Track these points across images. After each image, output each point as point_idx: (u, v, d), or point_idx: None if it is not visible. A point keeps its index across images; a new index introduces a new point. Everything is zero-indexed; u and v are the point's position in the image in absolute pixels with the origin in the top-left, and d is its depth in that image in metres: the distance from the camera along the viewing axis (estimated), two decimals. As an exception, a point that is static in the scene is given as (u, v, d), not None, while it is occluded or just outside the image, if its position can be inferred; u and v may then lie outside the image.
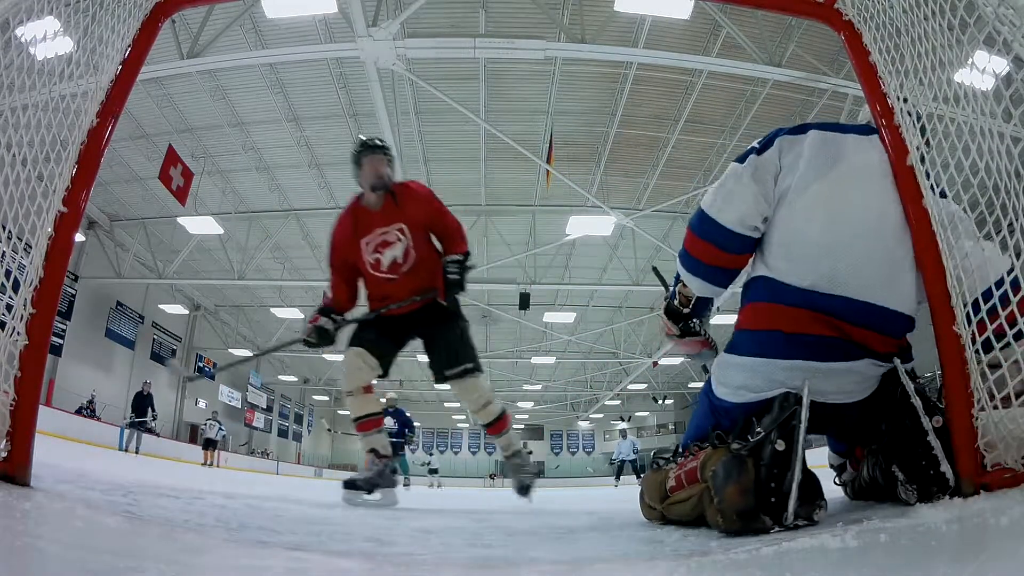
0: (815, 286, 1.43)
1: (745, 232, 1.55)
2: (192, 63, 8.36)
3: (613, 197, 12.60)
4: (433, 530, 1.55)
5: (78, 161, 1.50)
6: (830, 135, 1.55)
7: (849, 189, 1.48)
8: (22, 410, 1.31)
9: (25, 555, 0.75)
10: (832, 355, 1.42)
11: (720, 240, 1.59)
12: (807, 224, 1.47)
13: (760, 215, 1.54)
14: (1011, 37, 1.19)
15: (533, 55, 7.95)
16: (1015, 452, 1.11)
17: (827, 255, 1.44)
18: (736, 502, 1.26)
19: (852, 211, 1.46)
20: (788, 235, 1.49)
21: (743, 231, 1.55)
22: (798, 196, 1.49)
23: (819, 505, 1.31)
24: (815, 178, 1.48)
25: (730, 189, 1.57)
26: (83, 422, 13.27)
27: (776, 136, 1.58)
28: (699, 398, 1.84)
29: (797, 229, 1.48)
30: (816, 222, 1.46)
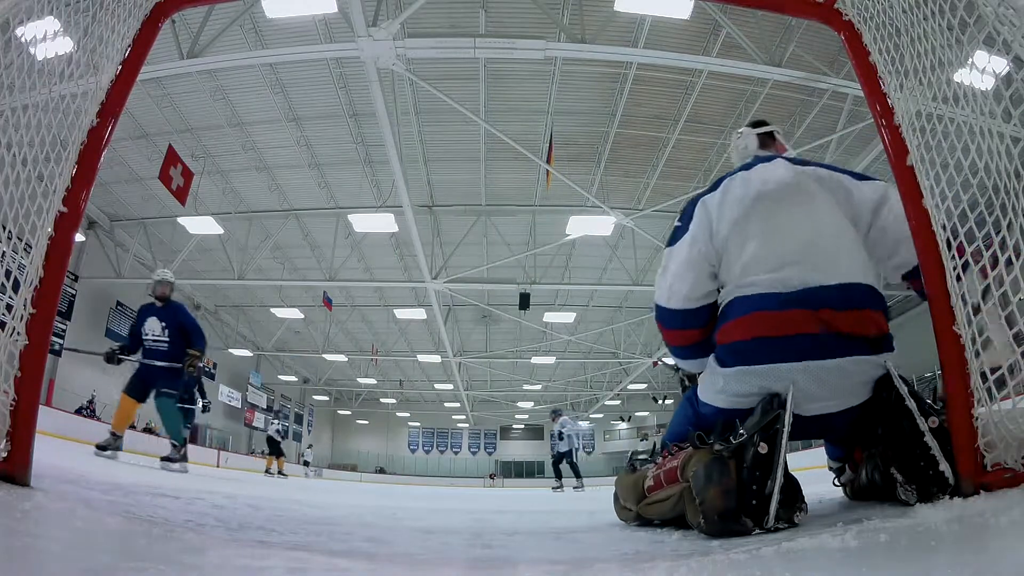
0: (785, 287, 1.54)
1: (701, 304, 1.72)
2: (192, 63, 8.35)
3: (613, 197, 12.59)
4: (433, 530, 1.55)
5: (78, 161, 1.50)
6: (739, 175, 1.75)
7: (776, 203, 1.66)
8: (22, 410, 1.31)
9: (25, 555, 0.75)
10: (816, 352, 1.48)
11: (685, 322, 1.77)
12: (757, 246, 1.62)
13: (707, 283, 1.71)
14: (1011, 37, 1.19)
15: (533, 55, 7.95)
16: (1015, 452, 1.11)
17: (781, 261, 1.57)
18: (717, 504, 1.28)
19: (787, 219, 1.63)
20: (744, 261, 1.63)
21: (698, 304, 1.73)
22: (738, 232, 1.65)
23: (800, 508, 1.33)
24: (743, 210, 1.66)
25: (673, 273, 1.75)
26: (83, 422, 13.26)
27: (694, 205, 1.76)
28: (681, 403, 1.89)
29: (749, 253, 1.62)
30: (762, 239, 1.62)
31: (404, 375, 30.20)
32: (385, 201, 12.05)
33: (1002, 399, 1.17)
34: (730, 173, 1.79)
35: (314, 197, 13.74)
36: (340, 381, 30.59)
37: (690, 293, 1.72)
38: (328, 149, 12.17)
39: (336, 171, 12.89)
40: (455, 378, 23.84)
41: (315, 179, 13.07)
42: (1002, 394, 1.18)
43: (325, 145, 12.05)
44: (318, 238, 15.37)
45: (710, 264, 1.70)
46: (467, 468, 35.93)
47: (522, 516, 2.17)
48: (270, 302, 20.19)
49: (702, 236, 1.70)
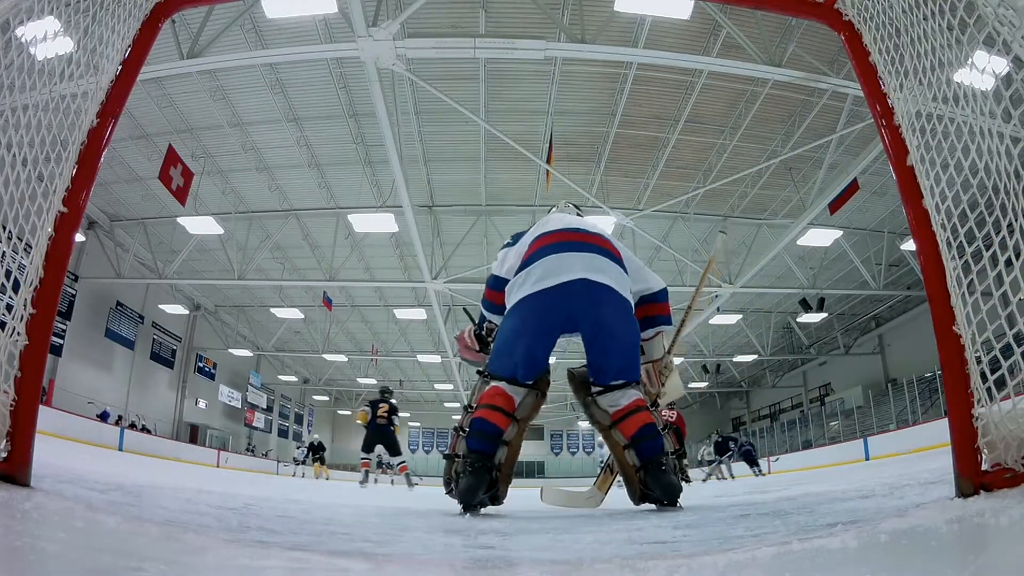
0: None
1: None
2: (192, 63, 8.35)
3: (613, 197, 12.60)
4: (433, 530, 1.55)
5: (78, 161, 1.50)
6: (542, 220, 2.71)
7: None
8: (22, 410, 1.31)
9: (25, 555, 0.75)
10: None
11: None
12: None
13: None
14: (1011, 37, 1.19)
15: (533, 55, 7.95)
16: (1015, 452, 1.11)
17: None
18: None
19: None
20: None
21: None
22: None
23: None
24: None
25: (502, 259, 2.62)
26: (83, 422, 13.28)
27: (519, 234, 2.69)
28: None
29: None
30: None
31: (404, 375, 30.19)
32: (385, 201, 12.05)
33: (1002, 399, 1.17)
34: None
35: (314, 197, 13.74)
36: (340, 381, 30.59)
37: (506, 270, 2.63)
38: (328, 149, 12.17)
39: (336, 171, 12.89)
40: (455, 378, 23.83)
41: (315, 179, 13.07)
42: (1002, 394, 1.18)
43: (325, 145, 12.05)
44: (318, 238, 15.37)
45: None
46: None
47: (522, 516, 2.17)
48: (270, 302, 20.19)
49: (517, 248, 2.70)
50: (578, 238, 2.43)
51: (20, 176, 1.39)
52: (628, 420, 2.25)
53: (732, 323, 20.11)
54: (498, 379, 2.30)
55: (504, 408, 2.23)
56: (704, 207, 13.71)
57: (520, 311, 2.30)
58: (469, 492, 2.07)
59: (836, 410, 22.72)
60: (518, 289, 2.34)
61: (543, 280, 2.27)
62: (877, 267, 14.66)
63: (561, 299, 2.24)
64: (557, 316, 2.28)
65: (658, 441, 2.23)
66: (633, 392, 2.31)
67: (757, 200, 13.64)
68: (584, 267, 2.28)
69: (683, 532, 1.37)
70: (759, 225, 13.79)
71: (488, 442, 2.17)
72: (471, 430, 2.21)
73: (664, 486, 2.15)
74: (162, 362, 19.91)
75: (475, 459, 2.11)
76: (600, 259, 2.35)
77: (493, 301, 2.60)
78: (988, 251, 1.23)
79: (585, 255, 2.33)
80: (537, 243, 2.45)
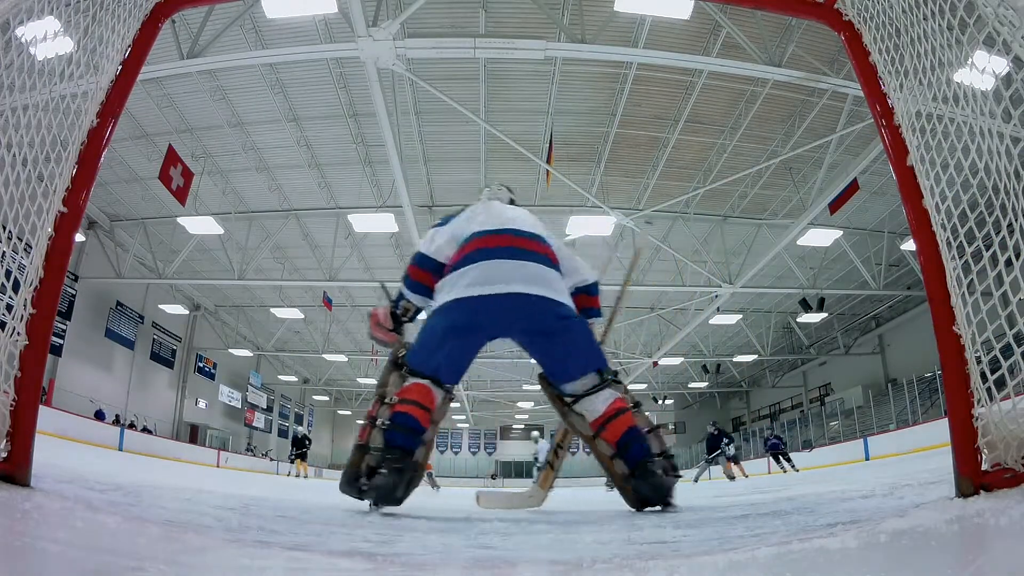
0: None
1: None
2: (192, 63, 8.35)
3: (613, 197, 12.60)
4: (433, 530, 1.55)
5: (78, 161, 1.50)
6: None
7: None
8: (22, 410, 1.31)
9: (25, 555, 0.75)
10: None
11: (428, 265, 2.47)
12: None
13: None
14: (1011, 37, 1.19)
15: (533, 55, 7.94)
16: (1015, 452, 1.11)
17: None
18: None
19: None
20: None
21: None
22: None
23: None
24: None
25: (431, 238, 2.52)
26: (83, 422, 13.27)
27: (449, 216, 2.60)
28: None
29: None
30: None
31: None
32: (385, 201, 12.05)
33: (1002, 399, 1.17)
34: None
35: (314, 197, 13.74)
36: (340, 381, 30.58)
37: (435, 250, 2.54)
38: (328, 149, 12.17)
39: (336, 171, 12.89)
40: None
41: (315, 179, 13.07)
42: (1002, 394, 1.18)
43: (325, 145, 12.05)
44: (318, 238, 15.37)
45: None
46: (467, 468, 35.91)
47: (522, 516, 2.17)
48: (270, 302, 20.18)
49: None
50: (515, 243, 2.38)
51: (20, 176, 1.39)
52: (610, 427, 2.18)
53: (732, 323, 20.11)
54: (420, 376, 2.22)
55: (429, 407, 2.17)
56: (704, 207, 13.71)
57: (451, 313, 2.24)
58: (389, 489, 2.00)
59: (836, 410, 22.71)
60: (450, 289, 2.28)
61: (477, 286, 2.21)
62: (877, 267, 14.65)
63: (495, 310, 2.20)
64: (488, 326, 2.25)
65: (643, 445, 2.17)
66: (609, 394, 2.23)
67: (757, 200, 13.64)
68: (521, 278, 2.23)
69: (683, 532, 1.37)
70: (759, 225, 13.79)
71: (411, 438, 2.10)
72: (394, 424, 2.11)
73: (655, 487, 2.10)
74: (162, 362, 19.91)
75: (398, 455, 2.04)
76: (537, 268, 2.31)
77: (417, 280, 2.49)
78: (988, 251, 1.23)
79: (522, 264, 2.29)
80: (473, 243, 2.38)
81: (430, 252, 2.47)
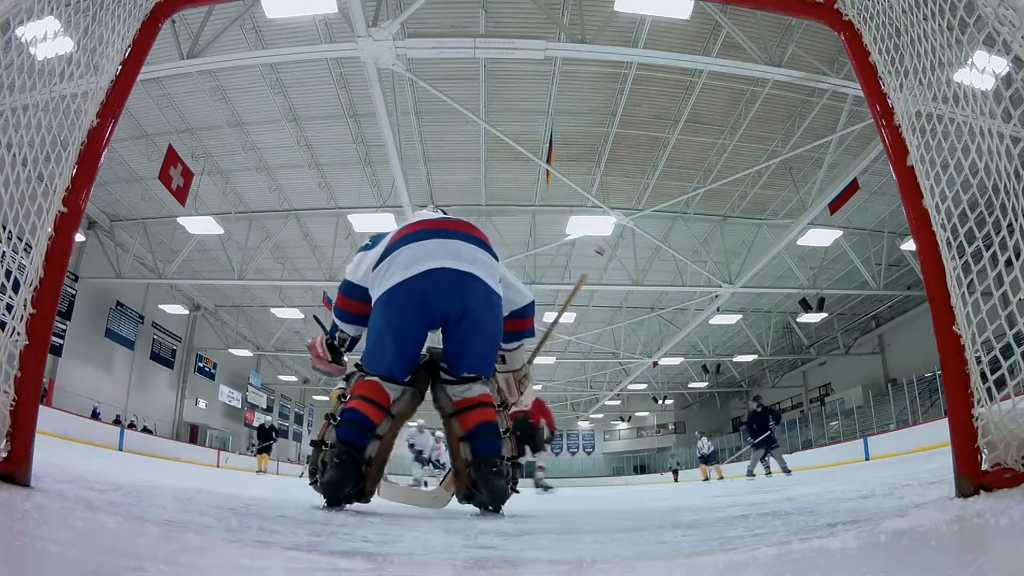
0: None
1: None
2: (192, 63, 8.35)
3: (613, 197, 12.60)
4: (433, 530, 1.55)
5: (78, 161, 1.50)
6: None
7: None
8: (22, 410, 1.31)
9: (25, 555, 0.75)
10: None
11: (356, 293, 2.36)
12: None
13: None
14: (1011, 37, 1.19)
15: (533, 55, 7.95)
16: (1015, 452, 1.11)
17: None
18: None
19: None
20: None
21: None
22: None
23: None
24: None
25: (357, 263, 2.37)
26: (83, 422, 13.27)
27: (377, 237, 2.42)
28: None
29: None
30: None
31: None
32: (385, 201, 12.05)
33: (1002, 399, 1.17)
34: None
35: (314, 197, 13.73)
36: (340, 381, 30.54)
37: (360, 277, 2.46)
38: (328, 149, 12.17)
39: (336, 171, 12.89)
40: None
41: (315, 179, 13.07)
42: (1002, 394, 1.18)
43: (325, 145, 12.05)
44: (318, 238, 15.37)
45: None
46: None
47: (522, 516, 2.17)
48: (270, 302, 20.18)
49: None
50: (441, 225, 2.29)
51: (20, 176, 1.39)
52: (470, 413, 2.19)
53: (732, 323, 20.11)
54: (373, 375, 2.23)
55: (378, 401, 2.14)
56: (704, 207, 13.71)
57: (383, 308, 2.18)
58: (334, 486, 1.98)
59: (836, 410, 22.70)
60: (379, 282, 2.20)
61: (404, 269, 2.12)
62: (877, 267, 14.66)
63: (424, 289, 2.11)
64: (421, 309, 2.14)
65: (496, 442, 2.17)
66: (480, 387, 2.25)
67: (757, 200, 13.64)
68: (448, 254, 2.15)
69: (683, 532, 1.37)
70: (759, 225, 13.79)
71: (359, 434, 2.07)
72: (343, 420, 2.12)
73: (491, 489, 2.07)
74: (162, 362, 19.90)
75: (344, 450, 2.01)
76: (466, 246, 2.22)
77: (346, 309, 2.41)
78: (988, 251, 1.23)
79: (449, 242, 2.19)
80: (398, 234, 2.29)
81: (356, 279, 2.34)
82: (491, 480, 2.07)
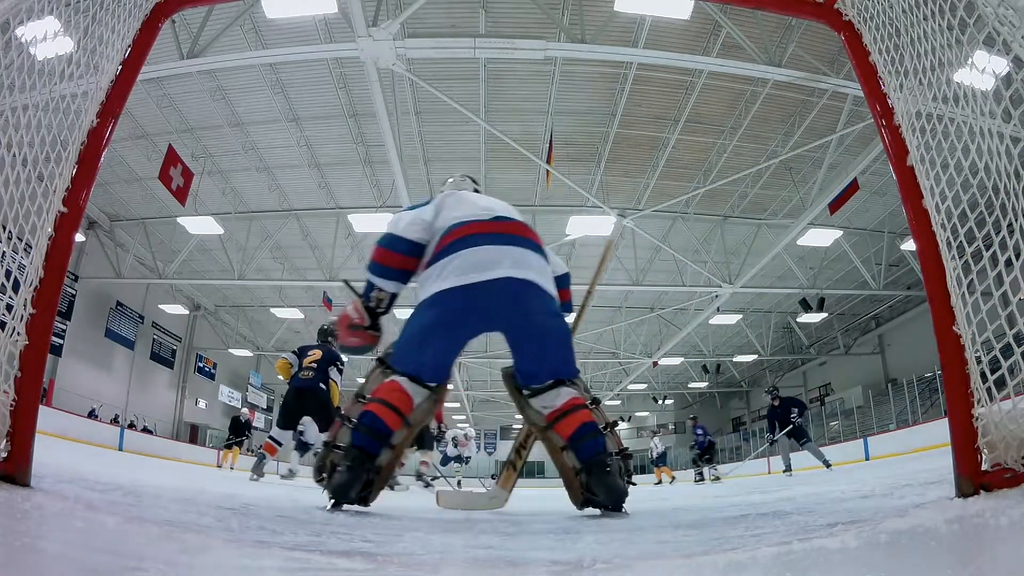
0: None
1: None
2: (192, 63, 8.35)
3: (613, 197, 12.60)
4: (433, 530, 1.55)
5: (78, 161, 1.49)
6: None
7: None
8: (22, 410, 1.31)
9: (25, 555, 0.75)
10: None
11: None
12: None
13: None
14: (1011, 37, 1.19)
15: (533, 55, 7.95)
16: (1015, 452, 1.11)
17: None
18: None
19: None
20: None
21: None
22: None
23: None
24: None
25: (396, 219, 2.32)
26: (83, 422, 13.27)
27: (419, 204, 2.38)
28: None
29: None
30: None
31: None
32: (385, 201, 12.05)
33: (1002, 399, 1.17)
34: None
35: (314, 197, 13.74)
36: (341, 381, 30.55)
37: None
38: (328, 149, 12.17)
39: (336, 171, 12.89)
40: (455, 378, 23.84)
41: (315, 179, 13.07)
42: (1002, 394, 1.18)
43: (325, 145, 12.05)
44: (318, 238, 15.37)
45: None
46: (467, 468, 35.88)
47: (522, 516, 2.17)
48: (270, 302, 20.18)
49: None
50: (499, 228, 2.19)
51: (20, 176, 1.39)
52: (564, 420, 2.09)
53: (732, 323, 20.11)
54: (399, 374, 2.11)
55: (399, 408, 2.05)
56: (704, 207, 13.71)
57: (435, 307, 2.07)
58: (342, 489, 1.94)
59: (836, 410, 22.70)
60: (433, 282, 2.09)
61: (463, 275, 2.03)
62: (877, 267, 14.66)
63: (483, 299, 2.03)
64: (477, 317, 2.08)
65: (599, 440, 2.08)
66: (567, 391, 2.14)
67: (757, 200, 13.64)
68: (510, 263, 2.07)
69: (683, 532, 1.37)
70: (759, 225, 13.79)
71: (374, 441, 2.01)
72: (359, 423, 2.03)
73: (608, 488, 1.99)
74: (162, 362, 19.90)
75: (356, 455, 1.97)
76: (525, 252, 2.14)
77: (386, 263, 2.26)
78: (988, 251, 1.23)
79: (508, 248, 2.11)
80: (454, 233, 2.16)
81: (399, 231, 2.24)
82: (606, 481, 1.99)
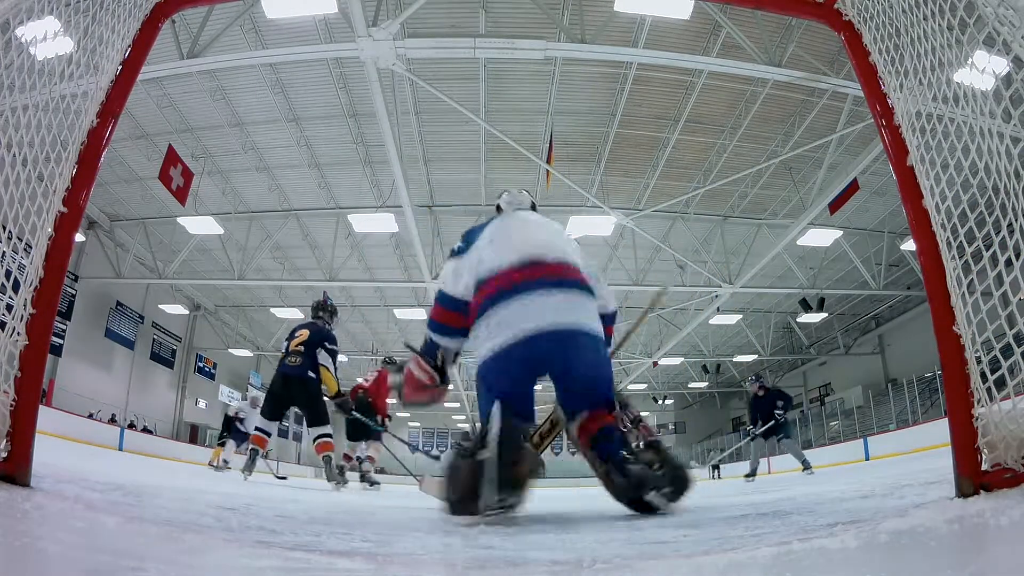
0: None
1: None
2: (192, 63, 8.35)
3: (613, 197, 12.59)
4: (433, 530, 1.55)
5: (78, 161, 1.50)
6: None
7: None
8: (22, 410, 1.31)
9: (25, 555, 0.75)
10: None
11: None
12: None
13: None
14: (1011, 37, 1.19)
15: (533, 55, 7.95)
16: (1015, 452, 1.11)
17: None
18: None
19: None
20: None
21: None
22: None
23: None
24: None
25: (453, 275, 2.33)
26: (83, 422, 13.26)
27: (470, 234, 2.45)
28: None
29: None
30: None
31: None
32: (385, 201, 12.04)
33: (1002, 399, 1.17)
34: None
35: (314, 197, 13.73)
36: (341, 381, 30.54)
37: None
38: (328, 149, 12.17)
39: (336, 171, 12.88)
40: (455, 378, 23.84)
41: (315, 179, 13.06)
42: (1002, 394, 1.18)
43: (325, 145, 12.05)
44: (318, 238, 15.37)
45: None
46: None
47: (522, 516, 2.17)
48: (270, 302, 20.18)
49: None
50: (544, 273, 2.18)
51: (20, 176, 1.39)
52: (585, 429, 2.15)
53: (732, 323, 20.10)
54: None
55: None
56: (704, 207, 13.71)
57: (490, 368, 2.12)
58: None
59: (836, 410, 22.70)
60: (482, 343, 2.14)
61: (509, 328, 2.07)
62: (877, 267, 14.66)
63: (529, 351, 2.06)
64: (526, 370, 2.12)
65: (614, 435, 2.12)
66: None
67: (757, 200, 13.64)
68: (553, 312, 2.10)
69: (683, 532, 1.37)
70: (759, 225, 13.79)
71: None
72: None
73: (630, 482, 2.00)
74: (162, 362, 19.90)
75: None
76: (570, 297, 2.17)
77: (447, 323, 2.33)
78: (988, 251, 1.23)
79: (553, 298, 2.13)
80: (494, 283, 2.18)
81: (457, 293, 2.29)
82: (626, 471, 2.01)
